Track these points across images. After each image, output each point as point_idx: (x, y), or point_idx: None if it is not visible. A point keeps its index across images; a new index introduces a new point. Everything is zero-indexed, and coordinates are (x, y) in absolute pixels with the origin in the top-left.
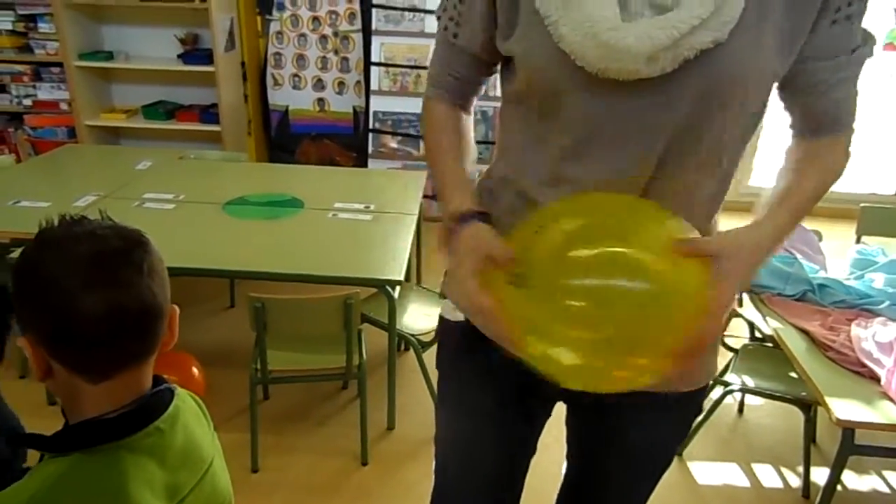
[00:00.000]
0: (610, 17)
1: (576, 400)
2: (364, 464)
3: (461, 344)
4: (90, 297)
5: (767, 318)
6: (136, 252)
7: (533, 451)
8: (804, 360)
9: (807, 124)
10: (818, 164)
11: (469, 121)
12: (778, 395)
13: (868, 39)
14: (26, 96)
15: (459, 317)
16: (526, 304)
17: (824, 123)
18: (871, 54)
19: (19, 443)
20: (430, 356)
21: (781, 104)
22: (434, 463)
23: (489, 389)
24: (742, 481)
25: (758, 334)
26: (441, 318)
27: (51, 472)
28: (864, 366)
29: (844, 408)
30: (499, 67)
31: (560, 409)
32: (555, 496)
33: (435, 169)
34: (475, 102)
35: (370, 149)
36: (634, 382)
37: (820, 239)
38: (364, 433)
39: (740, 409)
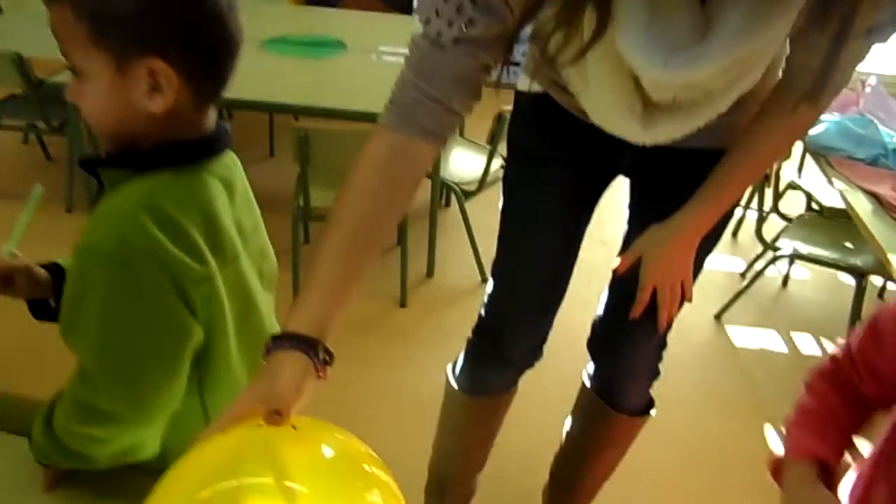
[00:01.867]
0: (633, 129)
1: (638, 171)
2: (402, 305)
3: (535, 118)
4: (232, 19)
5: (833, 180)
6: None
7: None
8: (870, 220)
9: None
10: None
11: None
12: (830, 261)
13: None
14: None
15: (536, 88)
16: None
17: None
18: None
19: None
20: (473, 206)
21: None
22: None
23: (553, 165)
24: (780, 347)
25: (814, 206)
26: (516, 93)
27: (148, 184)
28: None
29: None
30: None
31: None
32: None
33: (319, 244)
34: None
35: (415, 2)
36: None
37: None
38: (404, 277)
39: (784, 283)
